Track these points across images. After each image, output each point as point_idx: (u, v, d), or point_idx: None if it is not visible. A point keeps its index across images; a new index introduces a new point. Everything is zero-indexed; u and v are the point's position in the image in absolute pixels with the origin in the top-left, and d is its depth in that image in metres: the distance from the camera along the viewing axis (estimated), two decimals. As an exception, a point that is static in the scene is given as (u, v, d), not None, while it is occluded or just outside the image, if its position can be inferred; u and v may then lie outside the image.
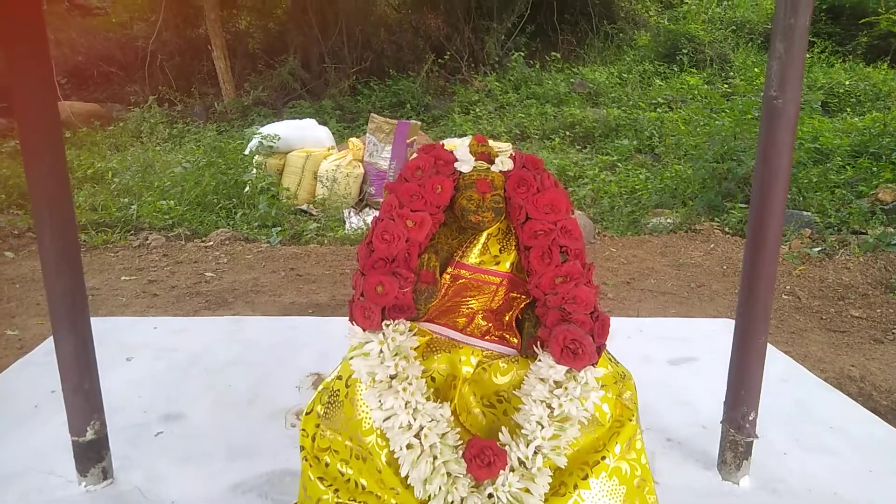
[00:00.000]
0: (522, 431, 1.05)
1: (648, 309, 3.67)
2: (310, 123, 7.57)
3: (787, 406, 1.98)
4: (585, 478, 1.08)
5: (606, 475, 1.09)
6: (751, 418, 1.53)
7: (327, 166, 6.54)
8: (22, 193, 6.49)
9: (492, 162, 1.16)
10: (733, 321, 2.77)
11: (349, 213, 6.19)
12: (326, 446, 1.10)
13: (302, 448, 1.13)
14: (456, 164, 1.14)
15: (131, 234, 5.36)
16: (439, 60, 11.71)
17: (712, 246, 4.99)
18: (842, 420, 1.93)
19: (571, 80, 11.71)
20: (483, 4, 12.44)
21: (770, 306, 1.51)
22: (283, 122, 7.73)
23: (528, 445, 1.03)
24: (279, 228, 5.50)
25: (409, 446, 1.03)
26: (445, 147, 1.17)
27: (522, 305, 1.18)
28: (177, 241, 5.21)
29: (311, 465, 1.12)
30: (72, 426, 1.43)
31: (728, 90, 10.76)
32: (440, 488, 1.02)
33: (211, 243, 5.11)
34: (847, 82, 10.68)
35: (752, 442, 1.55)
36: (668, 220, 5.74)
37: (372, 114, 7.31)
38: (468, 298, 1.17)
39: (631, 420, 1.13)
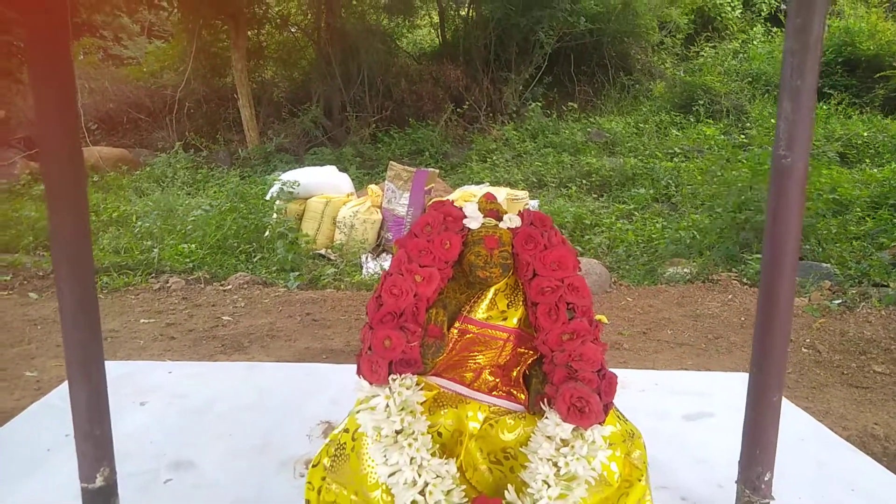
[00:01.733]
0: (528, 490, 1.04)
1: (665, 360, 3.63)
2: (330, 170, 7.73)
3: (807, 467, 1.93)
4: (593, 538, 1.07)
5: (614, 536, 1.08)
6: (766, 479, 1.50)
7: (346, 212, 6.65)
8: (49, 236, 6.67)
9: (500, 219, 1.19)
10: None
11: (366, 258, 6.24)
12: (332, 500, 1.10)
13: (307, 502, 1.13)
14: (465, 221, 1.16)
15: (152, 277, 5.45)
16: (458, 110, 11.97)
17: (730, 297, 4.93)
18: (864, 482, 1.87)
19: (588, 129, 11.86)
20: (501, 56, 12.76)
21: (785, 363, 1.49)
22: (304, 168, 7.90)
23: (532, 501, 1.03)
24: (297, 273, 5.56)
25: (413, 503, 1.02)
26: (457, 201, 1.20)
27: (530, 361, 1.19)
28: (196, 284, 5.28)
29: (316, 516, 1.12)
30: (81, 473, 1.44)
31: (744, 141, 10.82)
32: (445, 546, 1.02)
33: (229, 287, 5.17)
34: (865, 133, 10.69)
35: (768, 503, 1.52)
36: (685, 270, 5.70)
37: (391, 161, 7.45)
38: (475, 353, 1.18)
39: (640, 480, 1.11)
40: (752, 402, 1.52)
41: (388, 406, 1.05)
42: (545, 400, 1.09)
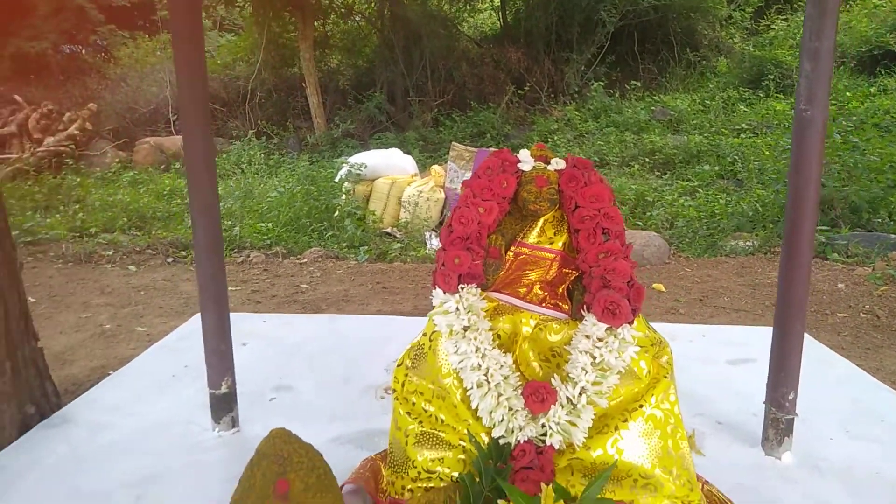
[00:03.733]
0: (570, 375, 1.27)
1: (719, 324, 3.74)
2: (395, 152, 8.05)
3: (842, 403, 2.07)
4: (625, 421, 1.29)
5: (643, 420, 1.29)
6: (790, 398, 1.67)
7: (411, 192, 6.93)
8: (141, 217, 7.26)
9: (548, 162, 1.42)
10: (805, 332, 2.86)
11: (430, 235, 6.52)
12: (413, 389, 1.37)
13: (393, 391, 1.41)
14: (519, 164, 1.40)
15: (235, 252, 5.88)
16: (519, 91, 12.04)
17: (791, 267, 4.94)
18: (893, 414, 2.00)
19: (652, 107, 11.71)
20: (563, 36, 12.72)
21: (806, 296, 1.66)
22: (370, 151, 8.25)
23: (574, 387, 1.26)
24: (366, 248, 5.89)
25: (478, 384, 1.28)
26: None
27: (573, 278, 1.42)
28: (275, 258, 5.69)
29: (400, 404, 1.39)
30: (210, 381, 1.77)
31: (817, 115, 10.48)
32: (503, 418, 1.27)
33: (305, 260, 5.55)
34: (949, 104, 10.15)
35: (792, 419, 1.69)
36: (747, 244, 5.71)
37: (453, 142, 7.70)
38: (528, 272, 1.42)
39: (666, 377, 1.33)
40: (777, 331, 1.69)
41: (457, 308, 1.31)
42: (585, 307, 1.32)
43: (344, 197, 7.21)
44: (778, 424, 1.70)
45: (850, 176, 6.12)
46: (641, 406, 1.30)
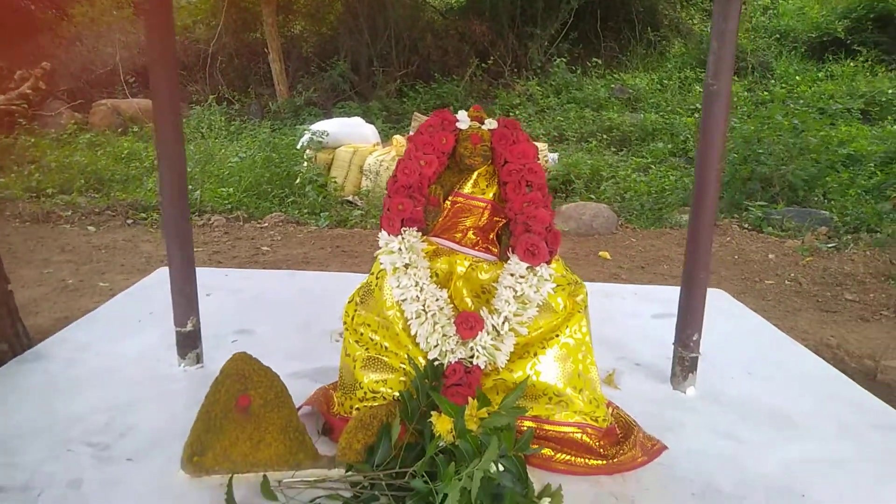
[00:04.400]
0: (495, 306, 1.48)
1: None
2: (357, 121, 8.11)
3: (748, 351, 2.33)
4: (543, 348, 1.50)
5: (558, 347, 1.50)
6: (694, 338, 1.91)
7: (372, 161, 7.04)
8: (99, 179, 7.20)
9: (483, 123, 1.60)
10: (723, 292, 3.13)
11: (391, 203, 6.67)
12: (361, 321, 1.55)
13: (344, 323, 1.59)
14: (457, 123, 1.58)
15: (196, 215, 5.93)
16: (483, 65, 12.14)
17: (728, 239, 5.27)
18: (793, 362, 2.27)
19: (612, 85, 11.97)
20: (527, 11, 12.82)
21: (709, 251, 1.89)
22: (333, 119, 8.29)
23: (499, 317, 1.46)
24: (327, 214, 6.01)
25: (417, 314, 1.46)
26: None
27: (501, 225, 1.61)
28: (235, 221, 5.77)
29: (350, 334, 1.57)
30: (176, 319, 1.92)
31: (767, 97, 10.89)
32: (437, 343, 1.46)
33: (266, 224, 5.65)
34: (890, 91, 10.65)
35: (696, 358, 1.93)
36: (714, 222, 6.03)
37: (416, 113, 7.81)
38: (463, 219, 1.60)
39: (580, 312, 1.53)
40: (685, 280, 1.93)
41: (400, 248, 1.48)
42: (510, 249, 1.52)
43: (305, 164, 7.28)
44: (684, 362, 1.94)
45: (790, 156, 6.47)
46: (557, 335, 1.51)
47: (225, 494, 1.34)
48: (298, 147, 7.64)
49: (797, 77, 11.85)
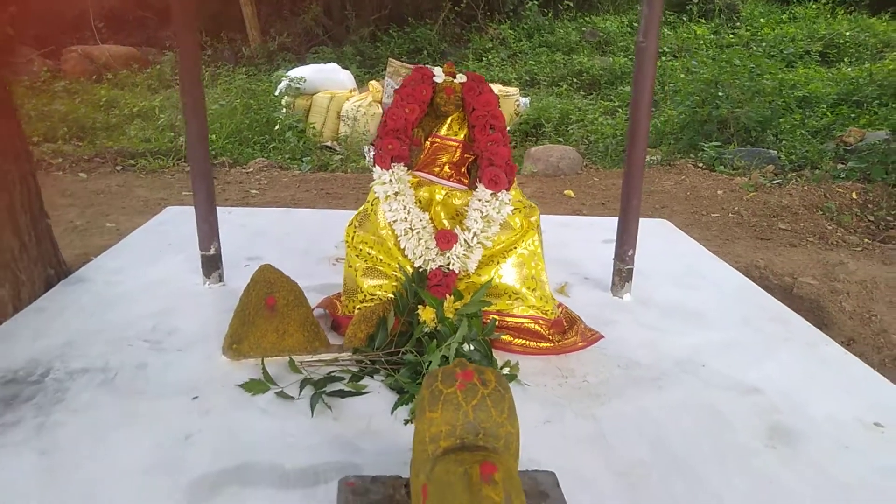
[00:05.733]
0: (466, 225, 1.87)
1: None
2: (333, 67, 8.26)
3: (678, 267, 2.78)
4: (504, 257, 1.91)
5: (516, 256, 1.91)
6: (630, 254, 2.34)
7: (349, 106, 7.26)
8: (81, 127, 7.33)
9: (455, 77, 1.96)
10: (667, 221, 3.56)
11: (368, 149, 6.93)
12: (360, 240, 1.94)
13: (346, 241, 1.98)
14: (434, 78, 1.94)
15: (182, 161, 6.15)
16: (456, 8, 12.17)
17: (683, 177, 5.70)
18: (716, 277, 2.72)
19: (583, 28, 12.13)
20: (500, -48, 12.78)
21: (640, 181, 2.31)
22: (309, 65, 8.43)
23: (469, 233, 1.85)
24: (308, 158, 6.29)
25: (405, 231, 1.85)
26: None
27: (470, 160, 1.99)
28: (222, 167, 6.03)
29: (351, 250, 1.95)
30: (201, 244, 2.29)
31: (733, 40, 11.20)
32: (421, 254, 1.86)
33: (251, 170, 5.92)
34: (848, 33, 11.02)
35: (631, 269, 2.36)
36: (652, 158, 6.44)
37: (390, 58, 8.00)
38: (440, 156, 1.98)
39: (533, 229, 1.93)
40: (622, 206, 2.35)
41: (390, 180, 1.86)
42: (478, 180, 1.90)
43: (284, 111, 7.48)
44: (621, 273, 2.38)
45: (746, 99, 6.86)
46: (515, 247, 1.92)
47: (261, 371, 1.75)
48: (276, 94, 7.81)
49: (762, 20, 12.15)
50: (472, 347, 1.77)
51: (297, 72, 7.81)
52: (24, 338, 1.94)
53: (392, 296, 1.89)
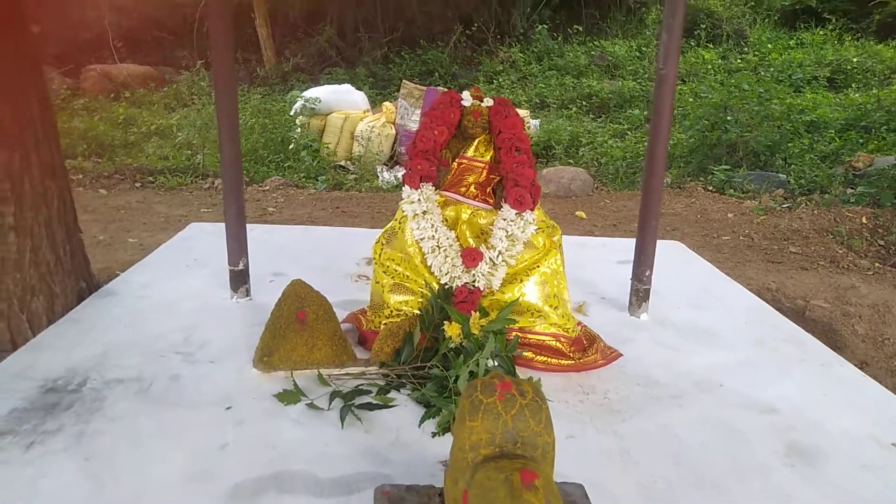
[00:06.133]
0: (491, 244, 1.93)
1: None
2: (347, 88, 8.41)
3: (694, 289, 2.83)
4: (527, 275, 1.96)
5: (538, 275, 1.96)
6: (647, 274, 2.39)
7: (363, 127, 7.38)
8: (100, 144, 7.47)
9: (482, 100, 2.04)
10: (680, 243, 3.61)
11: (382, 169, 7.03)
12: (387, 257, 1.99)
13: (373, 259, 2.04)
14: (462, 101, 2.02)
15: (200, 179, 6.28)
16: (467, 31, 12.37)
17: (693, 200, 5.77)
18: (730, 298, 2.77)
19: (592, 52, 12.29)
20: (510, -23, 13.02)
21: (657, 205, 2.37)
22: (323, 86, 8.57)
23: (494, 251, 1.91)
24: (324, 177, 6.39)
25: (432, 249, 1.91)
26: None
27: (496, 181, 2.06)
28: (238, 185, 6.09)
29: (378, 266, 2.01)
30: (230, 260, 2.35)
31: (741, 65, 11.33)
32: (448, 272, 1.91)
33: (267, 187, 6.02)
34: (855, 59, 11.12)
35: (648, 289, 2.41)
36: (664, 181, 6.50)
37: (404, 80, 8.13)
38: (466, 176, 2.05)
39: (555, 248, 1.99)
40: (640, 227, 2.40)
41: (419, 199, 1.92)
42: (503, 200, 1.96)
43: (299, 130, 7.60)
44: (638, 293, 2.43)
45: (754, 123, 6.94)
46: (538, 266, 1.98)
47: (291, 384, 1.80)
48: (291, 114, 7.95)
49: (769, 45, 12.29)
50: (496, 364, 1.82)
51: (312, 92, 7.95)
52: (61, 348, 2.00)
53: (418, 311, 1.95)
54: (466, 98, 2.03)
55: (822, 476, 1.58)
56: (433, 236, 1.91)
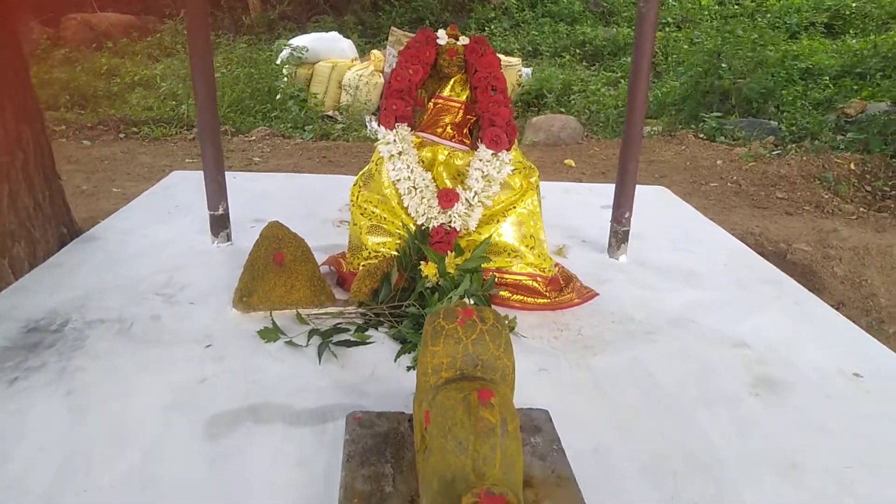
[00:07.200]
0: (467, 184, 1.93)
1: (612, 189, 4.50)
2: (335, 36, 8.22)
3: (676, 233, 2.85)
4: (503, 216, 1.98)
5: (515, 215, 1.97)
6: (626, 216, 2.40)
7: (351, 76, 7.26)
8: (82, 95, 7.34)
9: (458, 39, 2.01)
10: (665, 188, 3.61)
11: (370, 118, 6.95)
12: (364, 199, 2.00)
13: (351, 203, 2.04)
14: (437, 40, 1.98)
15: (185, 130, 6.20)
16: (458, -24, 12.04)
17: (684, 147, 5.74)
18: (711, 241, 2.79)
19: (587, -2, 12.02)
20: (503, -81, 12.57)
21: (638, 150, 2.36)
22: (311, 34, 8.38)
23: (470, 192, 1.92)
24: (310, 127, 6.32)
25: (408, 190, 1.92)
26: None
27: (472, 121, 2.05)
28: (224, 135, 6.06)
29: (356, 208, 2.01)
30: (210, 204, 2.35)
31: (737, 10, 11.09)
32: (424, 212, 1.92)
33: (253, 138, 5.96)
34: (854, 4, 10.90)
35: (627, 231, 2.43)
36: (653, 129, 6.46)
37: (392, 28, 7.95)
38: (442, 117, 2.03)
39: (532, 189, 2.00)
40: (620, 169, 2.40)
41: (394, 140, 1.91)
42: (479, 140, 1.96)
43: (286, 80, 7.47)
44: (617, 235, 2.45)
45: (748, 70, 6.85)
46: (514, 207, 1.99)
47: (270, 323, 1.83)
48: (278, 62, 7.79)
49: (769, -11, 12.01)
50: (472, 302, 1.85)
51: (299, 41, 7.78)
52: (43, 291, 2.02)
53: (395, 252, 1.96)
54: (442, 36, 2.00)
55: (786, 405, 1.63)
56: (409, 177, 1.91)
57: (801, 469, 1.39)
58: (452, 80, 2.05)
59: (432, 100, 2.06)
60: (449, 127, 2.05)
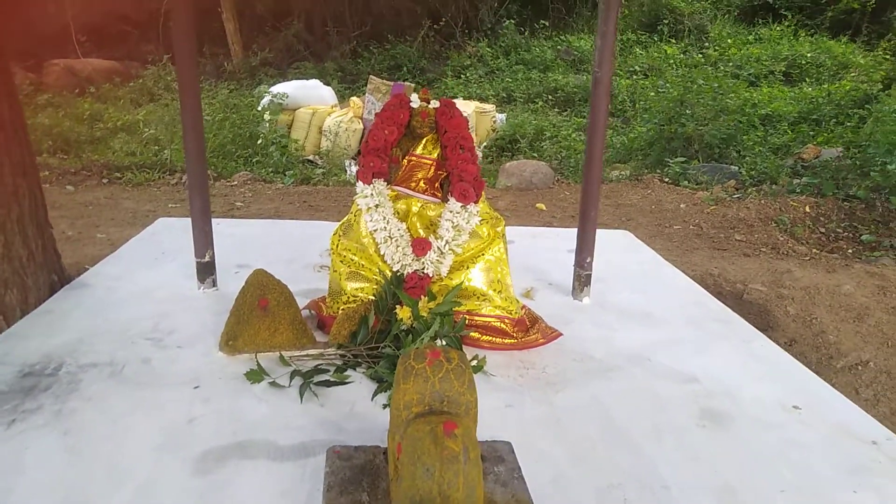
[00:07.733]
0: (439, 234, 2.10)
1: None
2: (315, 83, 8.49)
3: (635, 275, 3.04)
4: (473, 262, 2.14)
5: (483, 262, 2.14)
6: (588, 261, 2.59)
7: (331, 122, 7.49)
8: (65, 140, 7.44)
9: (429, 102, 2.21)
10: (628, 232, 3.82)
11: (349, 163, 7.15)
12: (344, 247, 2.15)
13: (330, 250, 2.20)
14: (411, 103, 2.19)
15: (167, 175, 6.32)
16: (435, 26, 12.48)
17: (649, 191, 6.01)
18: (669, 283, 2.99)
19: (558, 47, 12.51)
20: (477, -28, 13.14)
21: (597, 197, 2.56)
22: (291, 81, 8.64)
23: (441, 241, 2.09)
24: (291, 172, 6.49)
25: (384, 240, 2.08)
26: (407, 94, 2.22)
27: (443, 176, 2.24)
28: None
29: (336, 256, 2.17)
30: (196, 252, 2.48)
31: (700, 60, 11.65)
32: (399, 260, 2.09)
33: (235, 182, 6.11)
34: (809, 54, 11.52)
35: (589, 275, 2.61)
36: (621, 173, 6.75)
37: (371, 75, 8.23)
38: (416, 172, 2.22)
39: (499, 238, 2.17)
40: (581, 217, 2.60)
41: (371, 193, 2.09)
42: (449, 193, 2.14)
43: (267, 125, 7.66)
44: (580, 278, 2.63)
45: (710, 117, 7.21)
46: (483, 254, 2.16)
47: (255, 365, 1.96)
48: (259, 109, 8.00)
49: (729, 40, 12.64)
50: (444, 343, 2.00)
51: (280, 87, 8.02)
52: (36, 337, 2.13)
53: (373, 297, 2.11)
54: (415, 100, 2.20)
55: (728, 435, 1.79)
56: (385, 228, 2.08)
57: (736, 493, 1.54)
58: (425, 139, 2.25)
59: (406, 157, 2.25)
60: (422, 181, 2.23)
